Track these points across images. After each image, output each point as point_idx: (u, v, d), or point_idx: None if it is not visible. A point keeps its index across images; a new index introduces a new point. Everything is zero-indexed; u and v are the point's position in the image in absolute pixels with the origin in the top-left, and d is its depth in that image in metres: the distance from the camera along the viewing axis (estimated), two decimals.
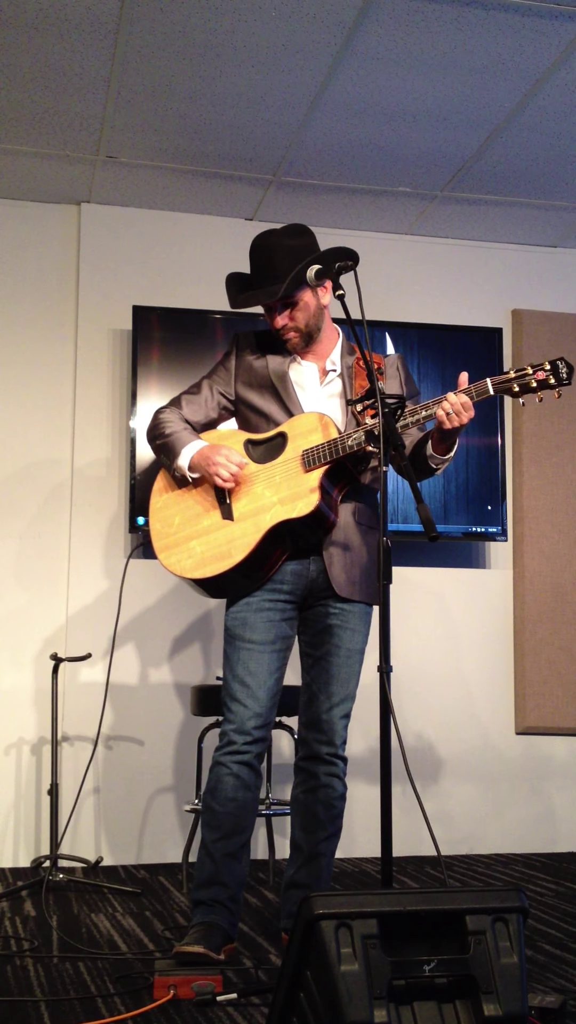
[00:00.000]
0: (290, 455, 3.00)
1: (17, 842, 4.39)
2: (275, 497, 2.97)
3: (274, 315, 3.09)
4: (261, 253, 3.09)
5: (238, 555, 2.96)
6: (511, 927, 2.10)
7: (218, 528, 3.03)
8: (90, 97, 3.91)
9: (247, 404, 3.16)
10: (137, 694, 4.53)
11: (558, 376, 2.79)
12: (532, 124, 4.08)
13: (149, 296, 4.67)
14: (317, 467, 2.94)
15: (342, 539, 3.03)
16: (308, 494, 2.93)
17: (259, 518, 2.97)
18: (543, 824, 4.85)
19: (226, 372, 3.21)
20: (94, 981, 2.77)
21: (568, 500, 4.99)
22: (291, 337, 3.10)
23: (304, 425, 3.01)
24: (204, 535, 3.04)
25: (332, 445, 2.92)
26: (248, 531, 2.97)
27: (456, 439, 2.98)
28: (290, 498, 2.95)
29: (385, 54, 3.63)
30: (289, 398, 3.09)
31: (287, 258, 3.02)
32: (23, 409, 4.63)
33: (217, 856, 2.94)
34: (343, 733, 3.07)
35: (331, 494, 2.98)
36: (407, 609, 4.68)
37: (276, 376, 3.12)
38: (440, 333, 4.84)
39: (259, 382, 3.14)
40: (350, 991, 1.98)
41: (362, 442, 2.88)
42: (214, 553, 3.01)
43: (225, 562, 2.98)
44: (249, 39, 3.55)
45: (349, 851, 4.50)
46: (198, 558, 3.03)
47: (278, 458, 3.02)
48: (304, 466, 2.96)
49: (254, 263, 3.11)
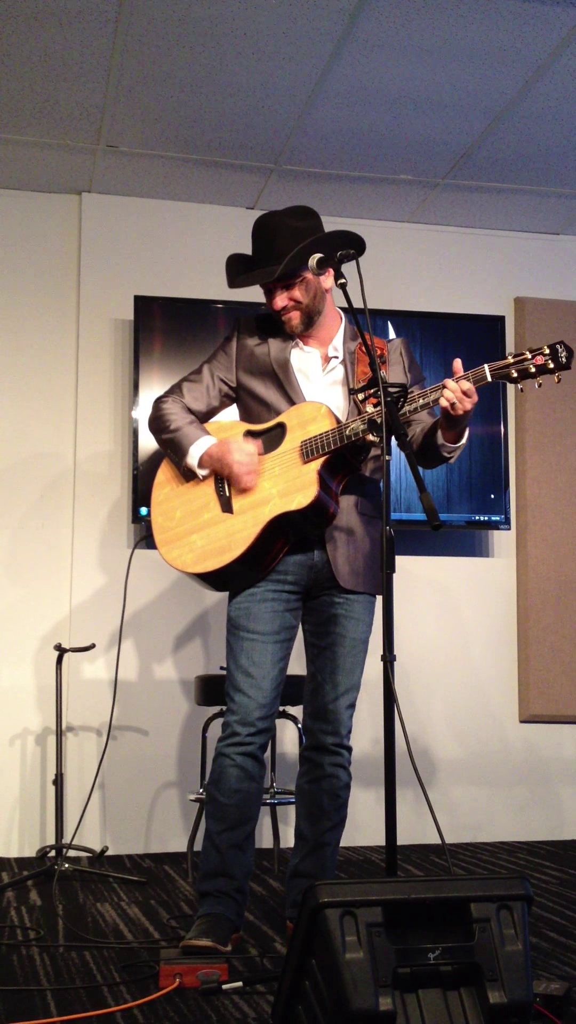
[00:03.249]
0: (289, 446, 2.97)
1: (23, 832, 4.40)
2: (274, 489, 2.95)
3: (274, 296, 3.04)
4: (264, 233, 3.03)
5: (238, 549, 2.94)
6: (515, 915, 2.11)
7: (218, 522, 3.01)
8: (90, 86, 3.89)
9: (248, 391, 3.12)
10: (141, 684, 4.53)
11: (557, 360, 2.75)
12: (534, 111, 4.07)
13: (151, 286, 4.66)
14: (315, 458, 2.91)
15: (345, 530, 3.01)
16: (307, 486, 2.90)
17: (258, 511, 2.95)
18: (547, 812, 4.85)
19: (227, 358, 3.16)
20: (100, 970, 2.78)
21: (572, 488, 4.98)
22: (291, 316, 3.03)
23: (303, 415, 2.98)
24: (205, 529, 3.02)
25: (330, 435, 2.89)
26: (248, 524, 2.95)
27: (465, 426, 2.94)
28: (289, 490, 2.93)
29: (386, 41, 3.61)
30: (291, 385, 3.05)
31: (290, 239, 2.95)
32: (25, 400, 4.62)
33: (222, 847, 2.93)
34: (348, 723, 3.06)
35: (330, 485, 2.94)
36: (411, 598, 4.67)
37: (277, 363, 3.08)
38: (442, 321, 4.82)
39: (260, 369, 3.10)
40: (355, 979, 1.98)
41: (360, 432, 2.84)
42: (214, 547, 2.99)
43: (225, 556, 2.96)
44: (250, 27, 3.53)
45: (353, 839, 4.50)
46: (199, 552, 3.01)
47: (277, 449, 2.99)
48: (303, 457, 2.93)
49: (256, 243, 3.06)
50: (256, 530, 2.93)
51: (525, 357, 2.77)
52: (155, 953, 2.87)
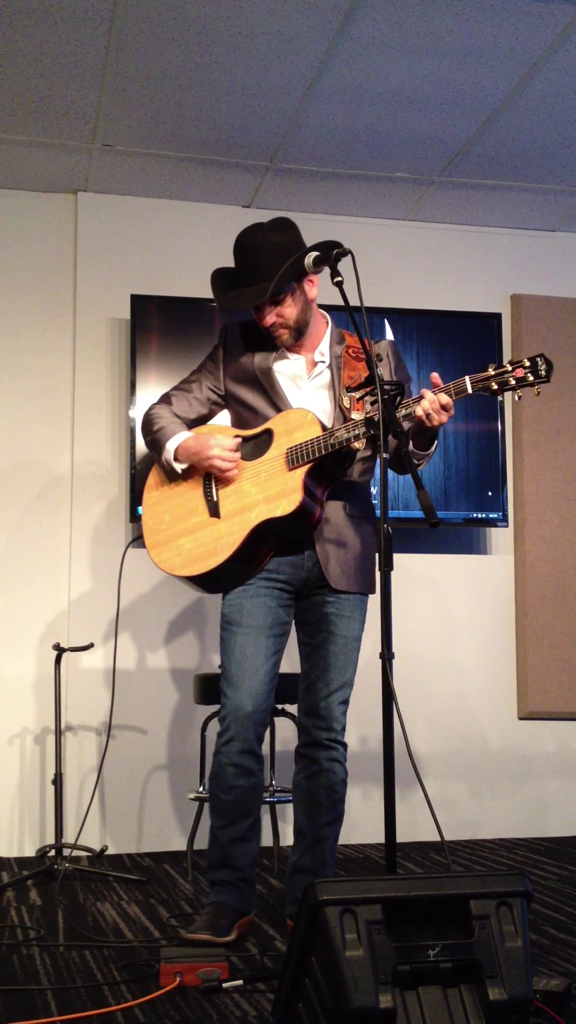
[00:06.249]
0: (275, 452, 3.03)
1: (23, 832, 4.40)
2: (260, 495, 3.01)
3: (262, 313, 3.08)
4: (247, 251, 3.07)
5: (224, 553, 3.01)
6: (515, 911, 2.11)
7: (206, 526, 3.07)
8: (85, 85, 3.89)
9: (236, 399, 3.18)
10: (140, 683, 4.53)
11: (536, 373, 2.78)
12: (530, 107, 4.07)
13: (147, 285, 4.66)
14: (300, 465, 2.96)
15: (335, 534, 3.06)
16: (291, 493, 2.96)
17: (245, 516, 3.01)
18: (546, 809, 4.86)
19: (214, 367, 3.23)
20: (100, 969, 2.78)
21: (569, 485, 4.99)
22: (281, 334, 3.10)
23: (289, 422, 3.04)
24: (193, 532, 3.09)
25: (316, 443, 2.94)
26: (234, 529, 3.02)
27: (436, 434, 2.97)
28: (274, 496, 2.98)
29: (381, 39, 3.61)
30: (275, 393, 3.11)
31: (274, 255, 3.01)
32: (22, 400, 4.62)
33: (224, 841, 3.04)
34: (342, 719, 3.10)
35: (315, 492, 3.00)
36: (408, 596, 4.68)
37: (261, 371, 3.13)
38: (439, 319, 4.82)
39: (247, 377, 3.16)
40: (355, 976, 1.99)
41: (345, 440, 2.89)
42: (201, 551, 3.06)
43: (212, 560, 3.03)
44: (244, 25, 3.53)
45: (353, 837, 4.51)
46: (186, 556, 3.08)
47: (264, 455, 3.05)
48: (288, 464, 2.98)
49: (240, 261, 3.10)
50: (242, 535, 2.99)
51: (505, 370, 2.80)
52: (155, 952, 2.87)
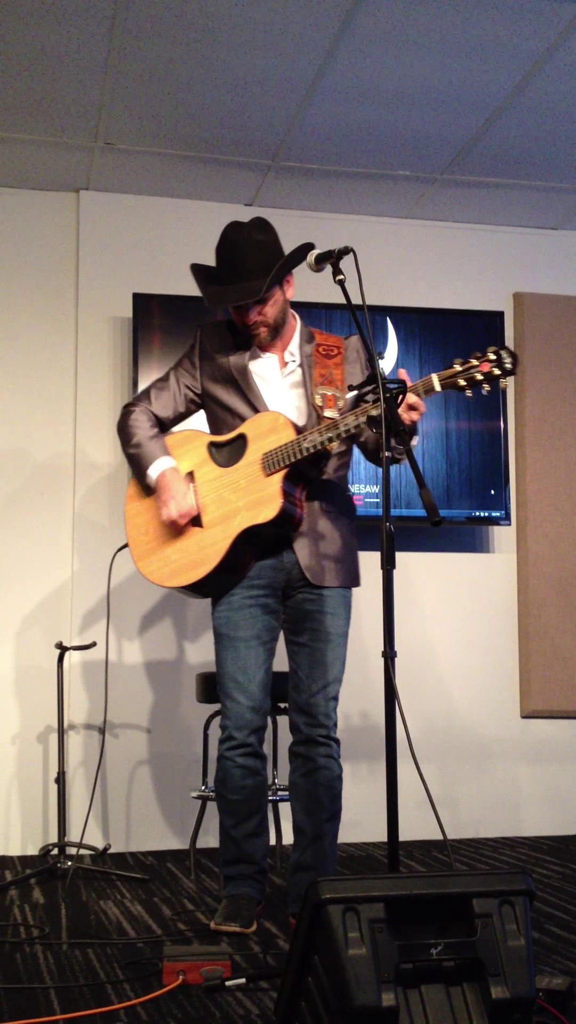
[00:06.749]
0: (251, 458, 3.06)
1: (26, 830, 4.40)
2: (241, 502, 3.05)
3: (245, 312, 3.11)
4: (232, 249, 3.10)
5: (211, 562, 3.06)
6: (518, 910, 2.11)
7: (190, 535, 3.12)
8: (87, 84, 3.89)
9: (213, 398, 3.22)
10: (142, 681, 4.53)
11: (502, 366, 2.76)
12: (532, 105, 4.06)
13: (149, 283, 4.66)
14: (276, 471, 3.00)
15: (310, 529, 3.10)
16: (271, 499, 2.99)
17: (227, 524, 3.06)
18: (549, 807, 4.85)
19: (191, 366, 3.26)
20: (103, 967, 2.78)
21: (571, 483, 4.98)
22: (260, 332, 3.13)
23: (262, 426, 3.07)
24: (178, 542, 3.13)
25: (288, 449, 2.97)
26: (218, 538, 3.06)
27: (415, 429, 2.98)
28: (255, 503, 3.02)
29: (383, 36, 3.61)
30: (252, 392, 3.14)
31: (257, 254, 3.05)
32: (24, 398, 4.62)
33: (238, 838, 3.16)
34: (333, 715, 3.14)
35: (294, 495, 3.04)
36: (411, 594, 4.67)
37: (237, 370, 3.17)
38: (441, 317, 4.82)
39: (223, 376, 3.19)
40: (358, 975, 1.99)
41: (319, 444, 2.91)
42: (188, 560, 3.10)
43: (200, 569, 3.08)
44: (246, 23, 3.53)
45: (355, 836, 4.51)
46: (174, 566, 3.13)
47: (240, 461, 3.08)
48: (264, 470, 3.02)
49: (224, 259, 3.12)
50: (227, 543, 3.04)
51: (471, 364, 2.79)
52: (158, 950, 2.87)
